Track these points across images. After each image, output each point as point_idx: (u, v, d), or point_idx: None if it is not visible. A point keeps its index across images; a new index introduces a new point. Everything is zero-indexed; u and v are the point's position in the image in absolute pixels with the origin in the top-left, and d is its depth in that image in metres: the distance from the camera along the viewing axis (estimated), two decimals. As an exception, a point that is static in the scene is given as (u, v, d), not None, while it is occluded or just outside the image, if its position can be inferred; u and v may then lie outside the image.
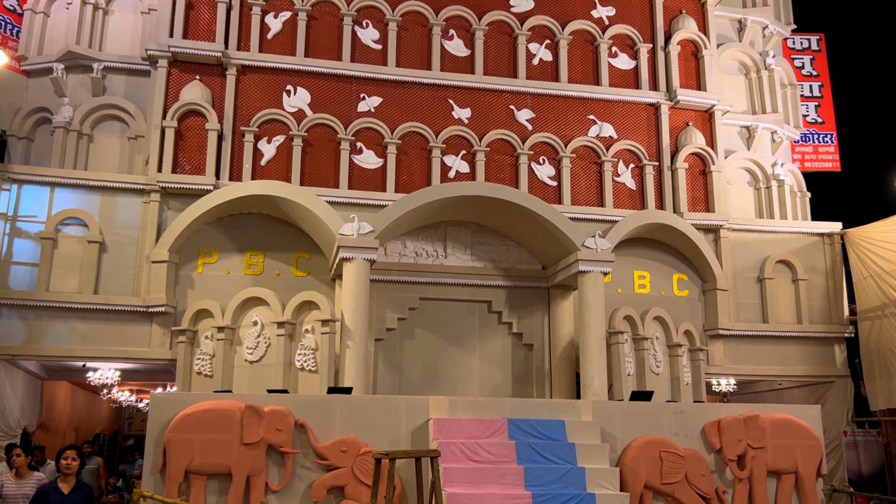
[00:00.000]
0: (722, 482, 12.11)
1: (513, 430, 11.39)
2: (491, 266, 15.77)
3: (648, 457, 11.68)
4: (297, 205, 14.22)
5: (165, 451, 10.57)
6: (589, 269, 14.32)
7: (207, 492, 10.67)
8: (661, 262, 16.85)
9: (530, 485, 10.62)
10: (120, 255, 14.70)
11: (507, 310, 15.74)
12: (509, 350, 15.73)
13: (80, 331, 14.25)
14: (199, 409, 10.77)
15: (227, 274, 15.01)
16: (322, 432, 11.11)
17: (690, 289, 16.89)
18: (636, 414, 12.13)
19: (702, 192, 17.27)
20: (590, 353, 14.04)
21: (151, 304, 14.28)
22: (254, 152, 15.51)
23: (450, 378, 15.31)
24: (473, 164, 16.33)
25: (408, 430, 11.41)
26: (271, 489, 10.78)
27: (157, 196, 14.88)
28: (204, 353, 14.04)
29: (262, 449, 10.77)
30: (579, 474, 10.83)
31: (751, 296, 17.12)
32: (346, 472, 10.91)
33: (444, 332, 15.51)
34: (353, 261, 13.67)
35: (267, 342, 13.77)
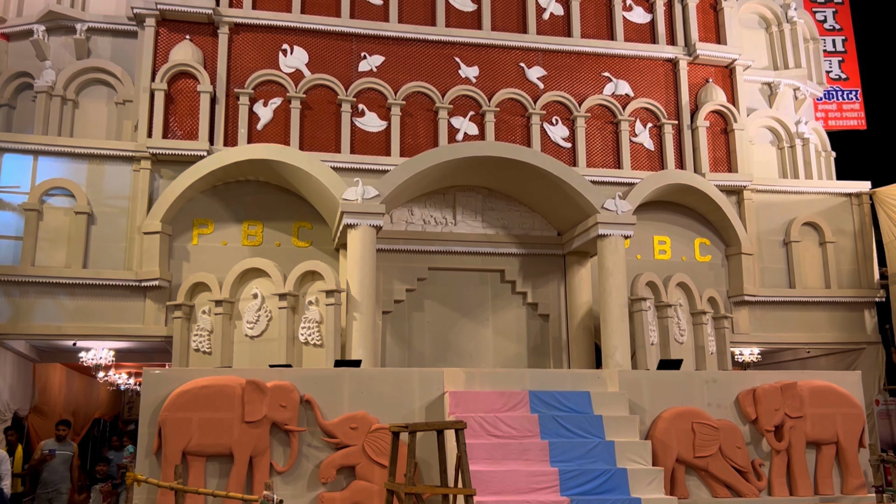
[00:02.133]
0: (758, 454, 11.33)
1: (535, 403, 10.60)
2: (503, 233, 14.90)
3: (680, 429, 10.90)
4: (297, 169, 13.34)
5: (161, 432, 9.77)
6: (609, 232, 13.45)
7: (207, 474, 9.88)
8: (682, 227, 15.99)
9: (556, 460, 9.83)
10: (109, 227, 13.83)
11: (521, 279, 14.90)
12: (524, 321, 14.90)
13: (70, 307, 13.41)
14: (196, 386, 9.96)
15: (223, 245, 14.16)
16: (330, 408, 10.31)
17: (713, 254, 16.03)
18: (665, 384, 11.32)
19: (723, 151, 16.36)
20: (611, 321, 13.22)
21: (144, 277, 13.43)
22: (249, 116, 14.59)
23: (462, 351, 14.50)
24: (482, 125, 15.42)
25: (422, 405, 10.62)
26: (276, 470, 9.98)
27: (148, 163, 13.99)
28: (202, 329, 13.20)
29: (265, 427, 9.96)
30: (608, 448, 10.04)
31: (776, 260, 16.26)
32: (356, 450, 10.11)
33: (454, 304, 14.68)
34: (357, 227, 12.81)
35: (268, 316, 12.92)
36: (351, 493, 10.04)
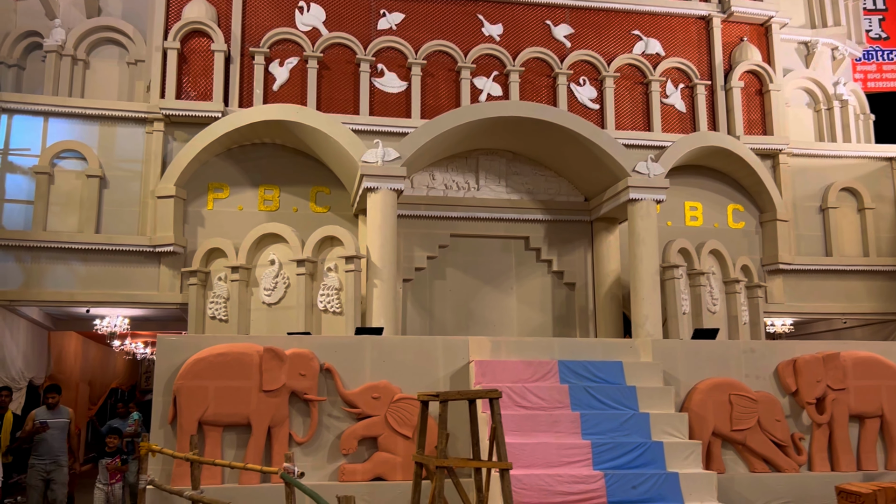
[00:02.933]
0: (798, 428, 10.80)
1: (564, 373, 10.12)
2: (528, 198, 14.35)
3: (717, 401, 10.39)
4: (315, 131, 12.81)
5: (176, 401, 9.38)
6: (641, 196, 12.87)
7: (224, 444, 9.50)
8: (715, 192, 15.37)
9: (588, 433, 9.37)
10: (122, 191, 13.42)
11: (547, 246, 14.36)
12: (549, 290, 14.40)
13: (82, 273, 13.05)
14: (212, 354, 9.55)
15: (239, 210, 13.71)
16: (351, 377, 9.88)
17: (747, 220, 15.41)
18: (701, 354, 10.80)
19: (758, 113, 15.66)
20: (642, 289, 12.68)
21: (158, 243, 13.03)
22: (265, 76, 14.07)
23: (485, 321, 14.03)
24: (506, 86, 14.80)
25: (446, 374, 10.17)
26: (295, 441, 9.59)
27: (161, 125, 13.52)
28: (217, 296, 12.82)
29: (284, 396, 9.56)
30: (642, 420, 9.56)
31: (812, 227, 15.63)
32: (378, 420, 9.70)
33: (477, 272, 14.19)
34: (378, 191, 12.30)
35: (286, 282, 12.49)
36: (373, 465, 9.64)
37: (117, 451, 10.36)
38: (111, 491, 10.03)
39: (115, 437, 10.55)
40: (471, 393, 5.92)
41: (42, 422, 9.76)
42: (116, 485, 10.09)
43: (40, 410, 10.21)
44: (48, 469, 9.71)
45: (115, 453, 10.31)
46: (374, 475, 9.60)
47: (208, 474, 9.00)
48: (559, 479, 8.65)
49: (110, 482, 10.07)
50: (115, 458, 10.21)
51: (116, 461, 10.20)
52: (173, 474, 9.20)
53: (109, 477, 10.10)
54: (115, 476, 10.09)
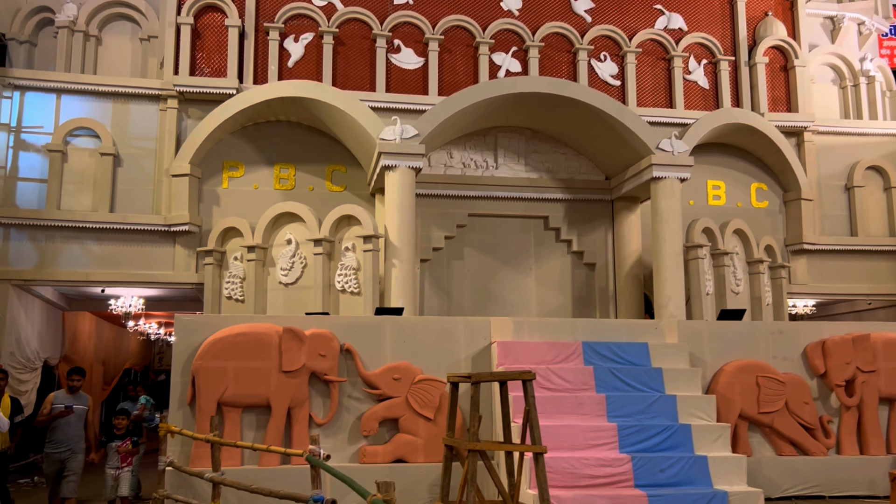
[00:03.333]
0: (826, 411, 10.60)
1: (589, 354, 9.92)
2: (547, 177, 14.08)
3: (744, 383, 10.18)
4: (331, 108, 12.57)
5: (194, 381, 9.24)
6: (664, 174, 12.59)
7: (244, 426, 9.37)
8: (738, 171, 15.05)
9: (614, 415, 9.18)
10: (136, 169, 13.23)
11: (566, 226, 14.12)
12: (569, 270, 14.17)
13: (97, 253, 12.89)
14: (231, 334, 9.39)
15: (255, 189, 13.51)
16: (371, 358, 9.72)
17: (771, 200, 15.10)
18: (727, 335, 10.57)
19: (783, 90, 15.29)
20: (665, 270, 12.44)
21: (173, 222, 12.86)
22: (280, 52, 13.79)
23: (503, 301, 13.83)
24: (526, 61, 14.47)
25: (468, 355, 9.99)
26: (315, 422, 9.45)
27: (175, 102, 13.30)
28: (234, 276, 12.65)
29: (303, 377, 9.40)
30: (669, 403, 9.36)
31: (837, 206, 15.31)
32: (399, 402, 9.54)
33: (496, 252, 13.97)
34: (396, 169, 12.07)
35: (303, 262, 12.31)
36: (394, 447, 9.50)
37: (127, 433, 9.45)
38: (120, 475, 9.22)
39: (123, 417, 9.63)
40: (503, 374, 5.72)
41: (67, 406, 8.79)
42: (126, 469, 9.28)
43: (60, 393, 9.13)
44: (63, 458, 8.73)
45: (125, 435, 9.41)
46: (395, 457, 9.46)
47: (227, 455, 8.84)
48: (585, 461, 8.47)
49: (121, 466, 9.24)
50: (126, 441, 9.31)
51: (127, 444, 9.29)
52: (192, 455, 9.08)
53: (120, 461, 9.27)
54: (126, 460, 9.25)
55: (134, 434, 9.55)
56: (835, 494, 10.04)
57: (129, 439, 9.29)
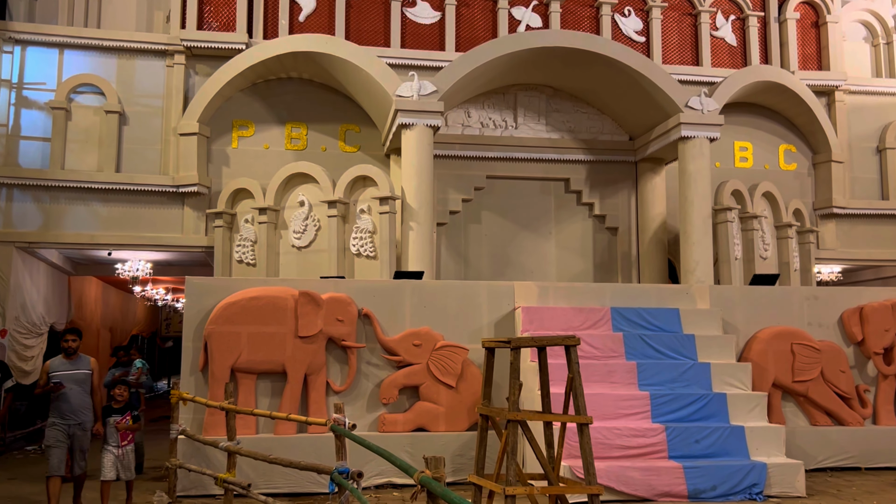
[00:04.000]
0: (863, 380, 10.21)
1: (617, 321, 9.51)
2: (569, 137, 13.55)
3: (778, 350, 9.77)
4: (345, 63, 12.02)
5: (207, 347, 8.86)
6: (693, 134, 12.07)
7: (258, 393, 9.00)
8: (766, 131, 14.50)
9: (645, 383, 8.79)
10: (143, 128, 12.74)
11: (588, 188, 13.62)
12: (590, 234, 13.70)
13: (103, 214, 12.46)
14: (245, 297, 8.98)
15: (265, 149, 13.02)
16: (390, 324, 9.32)
17: (799, 162, 14.56)
18: (760, 300, 10.14)
19: (814, 47, 14.67)
20: (693, 233, 11.96)
21: (182, 183, 12.40)
22: (290, 5, 13.21)
23: (522, 267, 13.39)
24: (546, 16, 13.86)
25: (490, 321, 9.59)
26: (333, 389, 9.08)
27: (182, 58, 12.77)
28: (245, 239, 12.22)
29: (320, 343, 9.01)
30: (703, 371, 8.95)
31: (868, 169, 14.76)
32: (420, 368, 9.17)
33: (515, 215, 13.50)
34: (413, 128, 11.56)
35: (316, 225, 11.86)
36: (415, 415, 9.14)
37: (127, 407, 7.96)
38: (122, 454, 7.73)
39: (123, 388, 8.08)
40: (545, 339, 5.30)
41: (55, 382, 7.46)
42: (128, 447, 7.79)
43: (56, 360, 7.72)
44: (71, 432, 7.47)
45: (125, 409, 7.91)
46: (415, 425, 9.11)
47: (241, 424, 8.42)
48: (617, 432, 8.11)
49: (121, 444, 7.73)
50: (126, 416, 7.83)
51: (127, 419, 7.81)
52: (205, 424, 8.73)
53: (120, 438, 7.73)
54: (127, 437, 7.77)
55: (132, 406, 8.13)
56: (871, 466, 9.68)
57: (129, 414, 7.86)
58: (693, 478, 7.79)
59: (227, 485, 7.33)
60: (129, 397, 8.09)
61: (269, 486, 8.34)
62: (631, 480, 7.72)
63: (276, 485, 8.39)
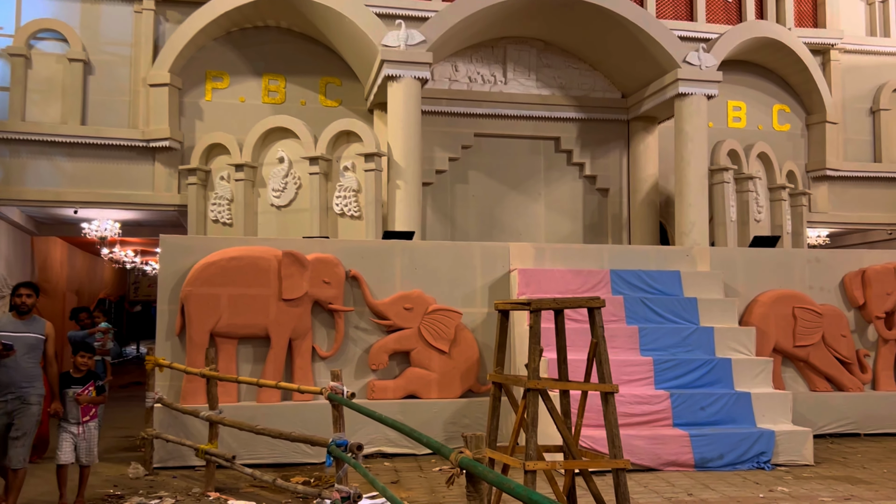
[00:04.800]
0: (863, 344, 9.97)
1: (617, 283, 9.10)
2: (560, 94, 13.03)
3: (779, 314, 9.47)
4: (327, 10, 11.34)
5: (184, 310, 8.28)
6: (691, 90, 11.62)
7: (240, 359, 8.47)
8: (760, 91, 14.11)
9: (647, 349, 8.42)
10: (110, 78, 11.96)
11: (579, 148, 13.15)
12: (580, 195, 13.27)
13: (68, 170, 11.72)
14: (224, 257, 8.39)
15: (241, 102, 12.33)
16: (379, 286, 8.81)
17: (793, 123, 14.22)
18: (762, 263, 9.81)
19: (809, 3, 14.28)
20: (689, 194, 11.58)
21: (152, 137, 11.70)
22: (268, -52, 12.40)
23: (510, 228, 12.93)
24: (538, -34, 13.20)
25: (484, 284, 9.13)
26: (319, 355, 8.59)
27: (151, 3, 12.02)
28: (220, 198, 11.59)
29: (306, 306, 8.48)
30: (706, 335, 8.61)
31: (861, 131, 14.48)
32: (411, 333, 8.70)
33: (503, 175, 13.00)
34: (400, 80, 10.96)
35: (297, 183, 11.26)
36: (406, 382, 8.70)
37: (90, 376, 6.60)
38: (83, 433, 6.45)
39: (87, 354, 6.64)
40: (568, 301, 4.86)
41: (6, 343, 5.87)
42: (91, 423, 6.54)
43: (4, 318, 6.24)
44: (9, 408, 5.94)
45: (88, 377, 6.57)
46: (406, 392, 8.68)
47: (221, 391, 7.94)
48: (621, 398, 7.72)
49: (82, 420, 6.45)
50: (88, 386, 6.52)
51: (90, 389, 6.51)
52: (183, 391, 8.20)
53: (81, 413, 6.45)
54: (89, 411, 6.52)
55: (96, 376, 6.75)
56: (870, 432, 9.48)
57: (93, 383, 6.57)
58: (700, 446, 7.47)
59: (210, 456, 6.86)
60: (93, 365, 6.84)
61: (253, 456, 7.87)
62: (636, 449, 7.37)
63: (261, 455, 7.93)
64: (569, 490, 4.94)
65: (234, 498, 6.61)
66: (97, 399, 6.60)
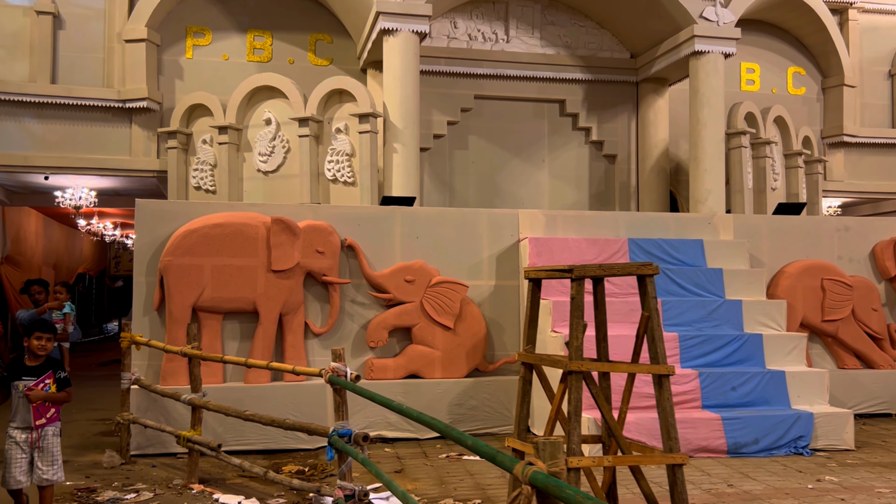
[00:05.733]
0: (894, 319, 9.34)
1: (636, 253, 8.40)
2: (565, 53, 12.23)
3: (807, 286, 8.82)
4: (317, -41, 10.46)
5: (163, 282, 7.50)
6: (708, 48, 10.86)
7: (225, 336, 7.71)
8: (775, 52, 13.38)
9: (671, 323, 7.74)
10: (82, 33, 11.06)
11: (585, 111, 12.39)
12: (586, 162, 12.53)
13: (37, 132, 10.84)
14: (207, 224, 7.60)
15: (224, 60, 11.47)
16: (377, 256, 8.06)
17: (808, 86, 13.51)
18: (788, 231, 9.14)
19: (828, -41, 13.48)
20: (704, 159, 10.87)
21: (129, 97, 10.84)
22: None
23: (512, 197, 12.19)
24: (543, -84, 12.35)
25: (492, 254, 8.40)
26: (312, 331, 7.85)
27: (125, -49, 11.02)
28: (203, 163, 10.75)
29: (298, 278, 7.72)
30: (734, 309, 7.93)
31: (879, 95, 13.81)
32: (413, 308, 7.97)
33: (505, 140, 12.24)
34: (397, 34, 10.12)
35: (285, 146, 10.44)
36: (407, 360, 7.98)
37: (49, 364, 4.91)
38: (37, 440, 4.74)
39: (45, 335, 4.91)
40: (618, 267, 4.15)
41: None
42: (50, 428, 4.82)
43: None
44: None
45: (46, 366, 4.88)
46: (407, 371, 7.97)
47: (205, 371, 7.17)
48: (643, 377, 7.03)
49: (35, 425, 4.74)
50: (45, 378, 4.80)
51: (46, 383, 4.79)
52: (163, 371, 7.44)
53: (33, 415, 4.74)
54: (46, 412, 4.78)
55: (57, 364, 4.99)
56: (903, 412, 8.88)
57: (52, 374, 4.83)
58: (733, 430, 6.82)
59: (193, 444, 6.13)
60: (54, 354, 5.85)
61: (241, 442, 7.16)
62: (663, 434, 6.70)
63: (250, 441, 7.21)
64: (609, 487, 4.25)
65: (221, 491, 5.89)
66: (57, 396, 4.84)
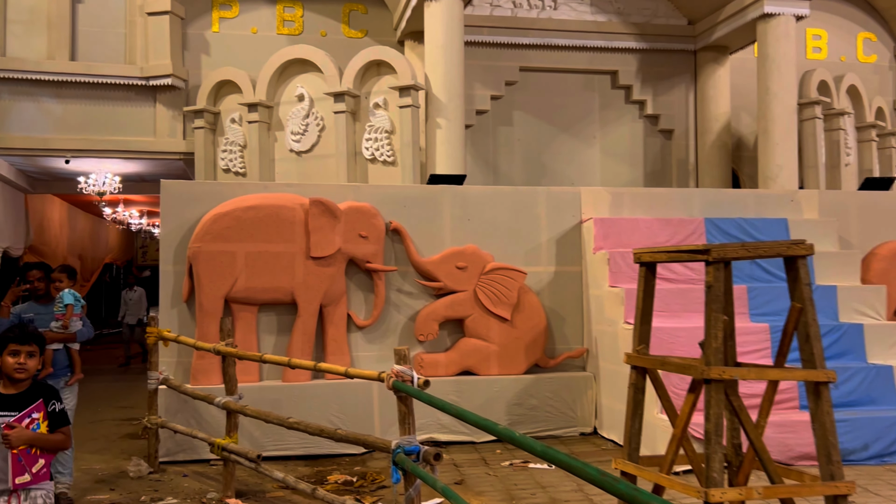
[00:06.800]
0: None
1: (714, 234, 7.56)
2: (617, 21, 11.34)
3: (903, 270, 7.90)
4: (351, -79, 9.66)
5: (192, 271, 6.80)
6: (778, 10, 9.92)
7: (260, 329, 7.00)
8: (843, 17, 12.39)
9: (758, 313, 6.91)
10: (102, 6, 10.47)
11: (639, 83, 11.50)
12: (640, 138, 11.66)
13: (57, 113, 10.21)
14: (239, 207, 6.87)
15: (253, 33, 10.76)
16: (425, 242, 7.30)
17: (880, 53, 12.50)
18: (879, 209, 8.24)
19: (902, -85, 12.41)
20: (774, 132, 9.94)
21: (152, 74, 10.19)
22: None
23: (561, 176, 11.35)
24: None
25: (551, 237, 7.60)
26: (356, 323, 7.11)
27: (147, -83, 10.31)
28: (231, 143, 10.06)
29: (339, 265, 6.98)
30: (828, 296, 7.06)
31: (957, 63, 12.74)
32: (465, 297, 7.21)
33: (552, 115, 11.40)
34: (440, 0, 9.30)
35: (319, 124, 9.69)
36: (460, 355, 7.23)
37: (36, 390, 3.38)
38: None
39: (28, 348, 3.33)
40: (763, 247, 3.36)
41: None
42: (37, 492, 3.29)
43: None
44: None
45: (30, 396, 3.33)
46: (460, 367, 7.22)
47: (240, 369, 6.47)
48: (737, 377, 6.22)
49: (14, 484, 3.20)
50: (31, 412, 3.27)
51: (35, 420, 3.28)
52: (193, 369, 6.76)
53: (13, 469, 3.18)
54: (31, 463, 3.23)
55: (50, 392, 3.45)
56: None
57: (42, 404, 3.32)
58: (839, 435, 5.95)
59: (229, 454, 5.42)
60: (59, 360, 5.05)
61: (280, 446, 6.47)
62: (758, 439, 5.87)
63: (289, 445, 6.51)
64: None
65: (261, 508, 5.19)
66: (50, 439, 3.30)
